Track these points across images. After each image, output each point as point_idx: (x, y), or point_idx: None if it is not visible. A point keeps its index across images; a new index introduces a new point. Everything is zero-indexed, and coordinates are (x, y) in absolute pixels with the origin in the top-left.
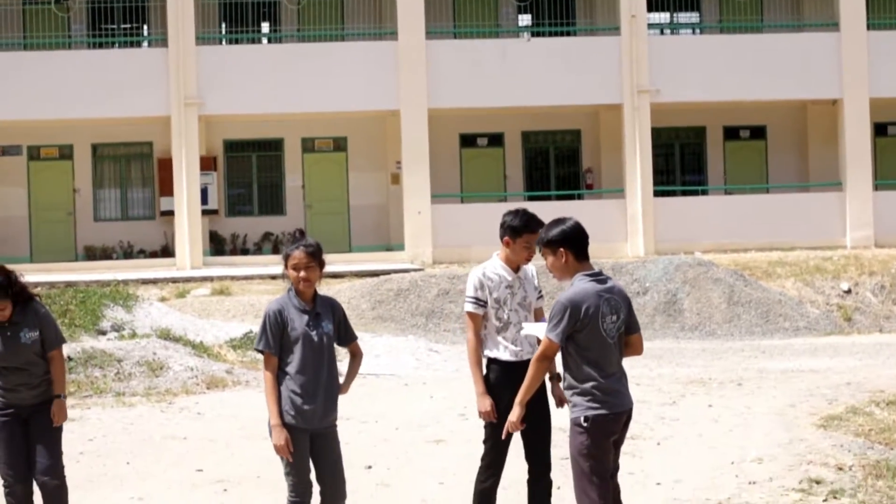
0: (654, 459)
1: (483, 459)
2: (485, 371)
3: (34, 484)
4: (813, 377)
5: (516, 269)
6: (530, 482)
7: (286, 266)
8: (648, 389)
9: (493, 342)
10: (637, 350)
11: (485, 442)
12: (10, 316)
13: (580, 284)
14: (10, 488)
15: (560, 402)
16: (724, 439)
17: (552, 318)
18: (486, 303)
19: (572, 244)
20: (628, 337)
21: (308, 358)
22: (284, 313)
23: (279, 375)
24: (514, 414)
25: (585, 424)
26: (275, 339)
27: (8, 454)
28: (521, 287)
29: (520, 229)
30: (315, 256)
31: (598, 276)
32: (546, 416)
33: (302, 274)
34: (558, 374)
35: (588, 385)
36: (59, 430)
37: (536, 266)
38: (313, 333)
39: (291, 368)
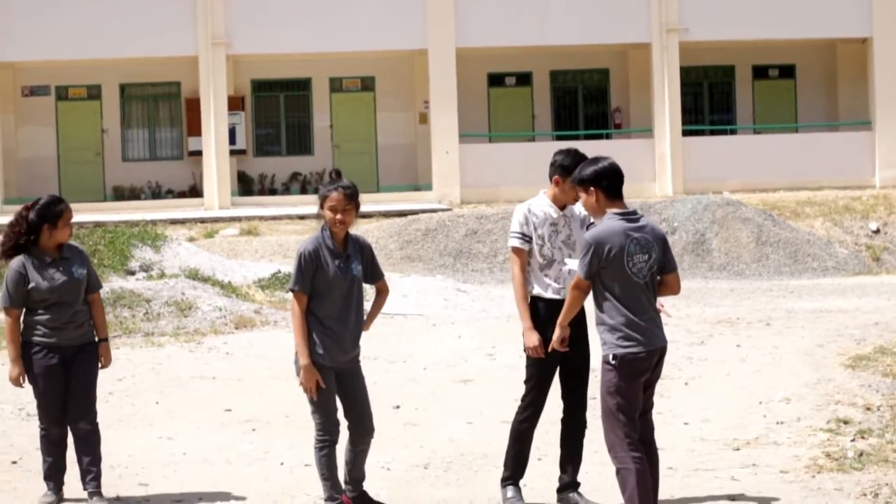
0: (682, 399)
1: (523, 399)
2: None
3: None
4: (841, 317)
5: (562, 208)
6: (564, 421)
7: (322, 206)
8: (676, 330)
9: (537, 279)
10: (673, 290)
11: (526, 381)
12: (61, 251)
13: (607, 223)
14: (46, 431)
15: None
16: (752, 379)
17: (581, 255)
18: (531, 238)
19: (603, 183)
20: (663, 276)
21: (338, 299)
22: (319, 253)
23: (307, 315)
24: (556, 335)
25: (613, 362)
26: (308, 280)
27: (49, 398)
28: (566, 225)
29: (571, 169)
30: (352, 198)
31: (630, 216)
32: (585, 357)
33: (339, 216)
34: None
35: (616, 323)
36: (96, 374)
37: None
38: (344, 275)
39: (321, 309)
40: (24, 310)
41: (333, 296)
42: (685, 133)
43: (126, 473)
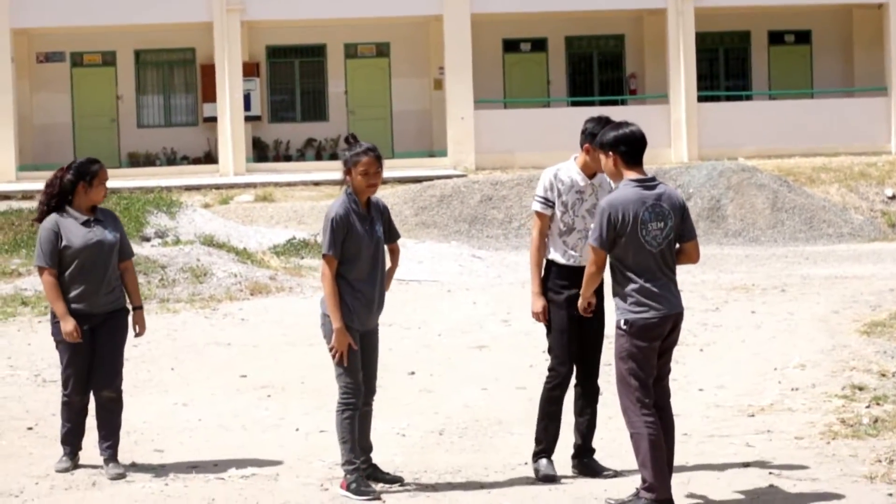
0: (697, 365)
1: (551, 370)
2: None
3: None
4: (856, 283)
5: (591, 176)
6: (577, 387)
7: (350, 171)
8: (692, 296)
9: (554, 244)
10: (692, 258)
11: (549, 351)
12: (95, 212)
13: (622, 190)
14: (68, 398)
15: None
16: (767, 346)
17: (594, 225)
18: (553, 203)
19: (621, 149)
20: (682, 244)
21: (366, 261)
22: (349, 217)
23: (337, 279)
24: (581, 302)
25: (625, 328)
26: (339, 244)
27: (74, 366)
28: (592, 194)
29: None
30: (381, 162)
31: (647, 182)
32: (599, 324)
33: (371, 180)
34: None
35: (629, 289)
36: (124, 343)
37: None
38: (371, 237)
39: (351, 272)
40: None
41: (363, 258)
42: (700, 99)
43: (141, 440)
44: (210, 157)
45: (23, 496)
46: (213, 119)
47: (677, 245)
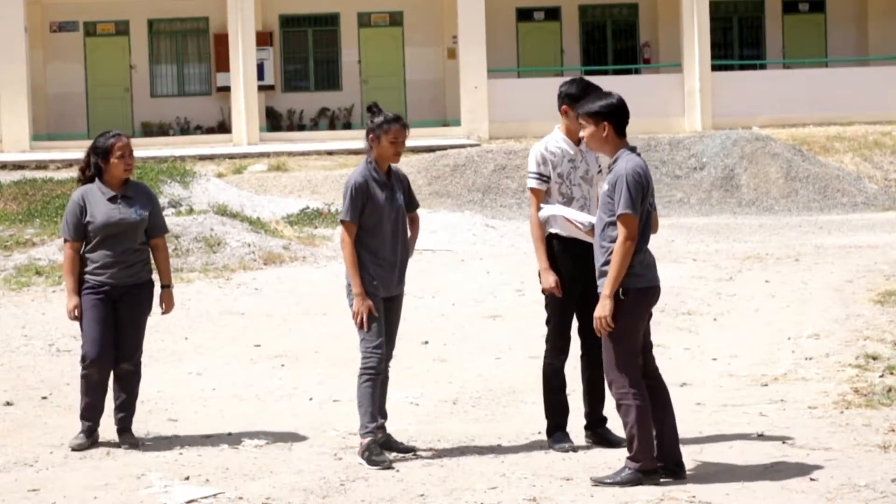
0: (711, 335)
1: (548, 342)
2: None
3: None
4: (870, 253)
5: (578, 142)
6: (583, 357)
7: (378, 138)
8: (705, 265)
9: (555, 218)
10: (656, 228)
11: (547, 323)
12: (124, 187)
13: (636, 159)
14: (87, 370)
15: None
16: (781, 315)
17: (625, 194)
18: (548, 178)
19: (615, 119)
20: (653, 214)
21: (388, 229)
22: (368, 185)
23: (360, 248)
24: (604, 309)
25: (624, 297)
26: (357, 211)
27: (93, 332)
28: (583, 160)
29: (578, 98)
30: (407, 131)
31: (637, 152)
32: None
33: (399, 148)
34: None
35: (634, 257)
36: (145, 316)
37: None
38: (391, 205)
39: (373, 240)
40: (83, 244)
41: (384, 226)
42: (714, 68)
43: (155, 409)
44: (223, 127)
45: (37, 465)
46: (227, 88)
47: None
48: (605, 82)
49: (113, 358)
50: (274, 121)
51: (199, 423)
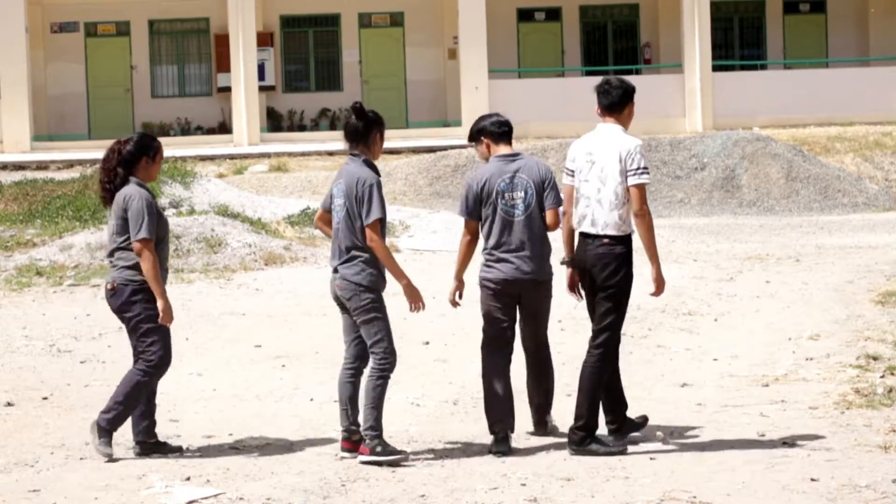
0: (712, 335)
1: (614, 343)
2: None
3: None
4: (871, 253)
5: None
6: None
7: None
8: (706, 265)
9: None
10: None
11: (615, 323)
12: None
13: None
14: (158, 376)
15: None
16: (782, 315)
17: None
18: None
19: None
20: None
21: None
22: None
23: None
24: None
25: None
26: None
27: (166, 344)
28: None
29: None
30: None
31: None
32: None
33: None
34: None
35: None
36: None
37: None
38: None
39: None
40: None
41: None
42: (715, 68)
43: (156, 410)
44: (224, 128)
45: (38, 466)
46: (228, 89)
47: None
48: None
49: None
50: (275, 121)
51: (200, 423)
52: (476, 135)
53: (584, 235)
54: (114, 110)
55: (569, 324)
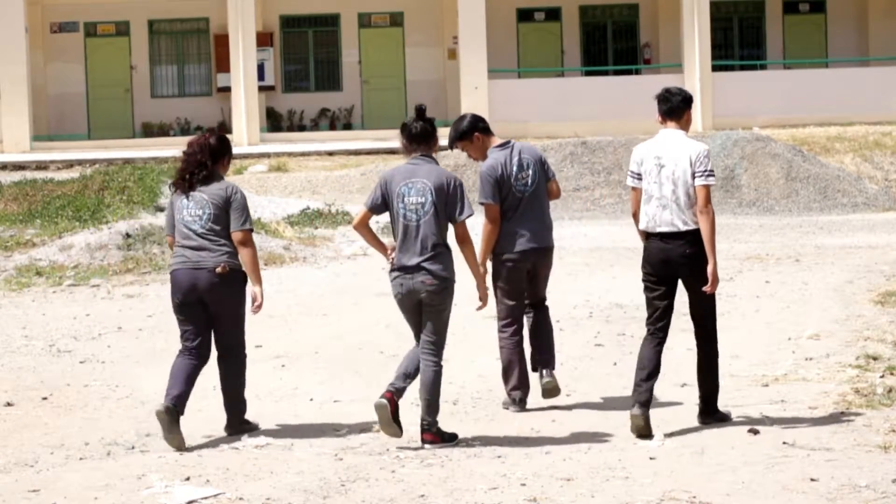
0: None
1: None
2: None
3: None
4: (871, 253)
5: None
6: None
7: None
8: None
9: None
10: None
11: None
12: None
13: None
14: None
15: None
16: (781, 315)
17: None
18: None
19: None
20: None
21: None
22: None
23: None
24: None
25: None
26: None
27: None
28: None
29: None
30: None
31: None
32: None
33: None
34: None
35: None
36: None
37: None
38: None
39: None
40: None
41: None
42: (715, 68)
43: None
44: (224, 127)
45: (38, 466)
46: (227, 89)
47: None
48: (606, 83)
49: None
50: (274, 121)
51: (199, 423)
52: (467, 134)
53: (662, 236)
54: (113, 110)
55: (568, 324)
